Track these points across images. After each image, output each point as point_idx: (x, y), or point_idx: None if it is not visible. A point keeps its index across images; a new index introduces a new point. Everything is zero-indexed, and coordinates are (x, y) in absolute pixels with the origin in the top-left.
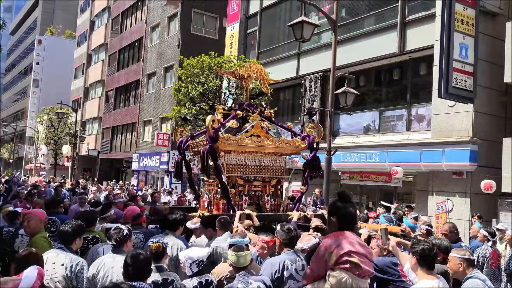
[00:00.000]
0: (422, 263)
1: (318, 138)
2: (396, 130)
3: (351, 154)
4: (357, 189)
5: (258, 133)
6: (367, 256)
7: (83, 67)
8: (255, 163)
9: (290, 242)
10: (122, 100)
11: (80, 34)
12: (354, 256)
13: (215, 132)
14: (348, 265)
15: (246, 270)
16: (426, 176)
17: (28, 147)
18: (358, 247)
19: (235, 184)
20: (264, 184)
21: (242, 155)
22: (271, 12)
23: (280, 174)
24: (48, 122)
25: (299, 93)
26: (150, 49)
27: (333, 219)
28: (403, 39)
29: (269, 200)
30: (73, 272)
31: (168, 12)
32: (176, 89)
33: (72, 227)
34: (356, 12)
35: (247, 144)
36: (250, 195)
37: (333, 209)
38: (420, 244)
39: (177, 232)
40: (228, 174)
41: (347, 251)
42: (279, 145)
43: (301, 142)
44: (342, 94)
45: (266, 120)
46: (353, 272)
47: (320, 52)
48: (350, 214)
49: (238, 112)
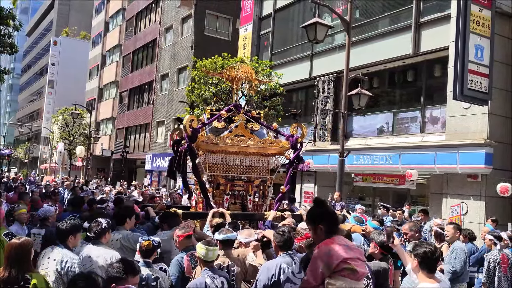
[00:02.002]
0: (423, 265)
1: (301, 139)
2: (410, 132)
3: (364, 156)
4: (370, 191)
5: (242, 133)
6: (360, 258)
7: (98, 68)
8: (238, 163)
9: (285, 245)
10: (136, 101)
11: (94, 35)
12: (350, 263)
13: (193, 132)
14: (346, 272)
15: (212, 266)
16: (440, 178)
17: (43, 147)
18: (350, 252)
19: (218, 183)
20: (247, 183)
21: (224, 154)
22: (284, 14)
23: (264, 174)
24: (63, 123)
25: (312, 95)
26: (163, 50)
27: (321, 227)
28: (418, 41)
29: (251, 199)
30: (63, 268)
31: (182, 13)
32: (189, 90)
33: (66, 225)
34: (370, 13)
35: (228, 143)
36: (234, 195)
37: (317, 217)
38: (422, 247)
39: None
40: (210, 173)
41: (344, 258)
42: (262, 145)
43: (284, 142)
44: (356, 95)
45: (252, 121)
46: (351, 278)
47: (333, 53)
48: (336, 220)
49: (222, 113)
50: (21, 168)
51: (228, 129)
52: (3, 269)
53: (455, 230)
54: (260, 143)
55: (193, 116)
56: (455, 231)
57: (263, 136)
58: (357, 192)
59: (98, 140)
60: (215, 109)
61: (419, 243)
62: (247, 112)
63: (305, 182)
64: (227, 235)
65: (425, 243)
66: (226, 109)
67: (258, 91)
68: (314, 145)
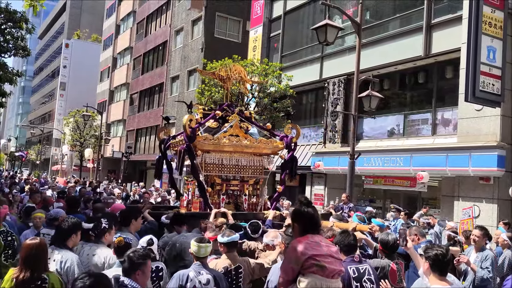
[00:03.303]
0: (434, 268)
1: (295, 139)
2: (421, 134)
3: (374, 158)
4: (380, 193)
5: (237, 133)
6: (332, 255)
7: (109, 70)
8: (233, 163)
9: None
10: (146, 103)
11: (106, 38)
12: (318, 259)
13: (192, 131)
14: (314, 268)
15: (203, 262)
16: (452, 181)
17: (55, 148)
18: (320, 249)
19: (213, 183)
20: (242, 183)
21: (220, 154)
22: (294, 16)
23: (259, 173)
24: (74, 124)
25: (322, 97)
26: (174, 53)
27: (296, 225)
28: (429, 42)
29: (246, 199)
30: (63, 269)
31: (192, 16)
32: (200, 92)
33: (67, 224)
34: (381, 14)
35: (225, 143)
36: (228, 194)
37: (296, 216)
38: (434, 249)
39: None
40: (206, 173)
41: (310, 255)
42: (257, 145)
43: (279, 142)
44: (366, 97)
45: (246, 121)
46: (320, 274)
47: (343, 55)
48: (312, 219)
49: (217, 112)
50: (33, 169)
51: (222, 129)
52: (19, 269)
53: (483, 236)
54: (255, 143)
55: (192, 116)
56: (483, 237)
57: (257, 136)
58: (367, 195)
59: (109, 142)
60: (207, 108)
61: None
62: (241, 112)
63: (315, 184)
64: (230, 237)
65: (436, 245)
66: (219, 108)
67: (268, 93)
68: (324, 147)
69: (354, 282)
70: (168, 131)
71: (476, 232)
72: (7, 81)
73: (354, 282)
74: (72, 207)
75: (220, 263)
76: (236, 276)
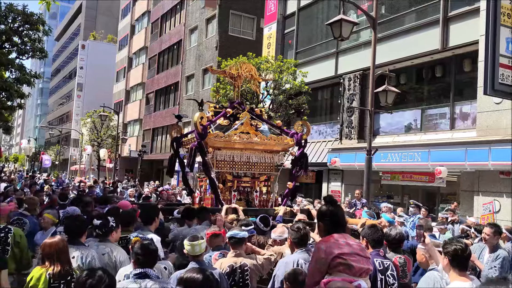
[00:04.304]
0: (454, 264)
1: (306, 136)
2: (439, 128)
3: (392, 153)
4: (398, 189)
5: (247, 131)
6: (359, 253)
7: (125, 70)
8: (244, 160)
9: (301, 241)
10: (162, 102)
11: (121, 38)
12: (344, 258)
13: (203, 129)
14: (341, 267)
15: (199, 260)
16: (471, 176)
17: (73, 149)
18: (346, 247)
19: (224, 180)
20: (253, 180)
21: (231, 151)
22: (308, 12)
23: (269, 170)
24: (91, 125)
25: (337, 93)
26: (188, 52)
27: (321, 224)
28: (446, 35)
29: (257, 195)
30: (85, 264)
31: (206, 14)
32: (215, 90)
33: (79, 222)
34: (396, 8)
35: (235, 140)
36: (239, 191)
37: (320, 215)
38: (453, 244)
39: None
40: (217, 170)
41: (336, 254)
42: (268, 142)
43: (289, 139)
44: (383, 92)
45: (256, 118)
46: (347, 273)
47: (359, 50)
48: (337, 218)
49: (227, 110)
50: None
51: (233, 127)
52: (49, 265)
53: (494, 234)
54: (266, 140)
55: (203, 113)
56: (494, 235)
57: (268, 133)
58: (385, 191)
59: (125, 142)
60: (218, 106)
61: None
62: (251, 109)
63: (332, 180)
64: (233, 232)
65: (455, 240)
66: (230, 106)
67: (283, 90)
68: (341, 143)
69: (379, 274)
70: (180, 129)
71: (486, 230)
72: (25, 83)
73: (380, 275)
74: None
75: (226, 262)
76: (243, 274)
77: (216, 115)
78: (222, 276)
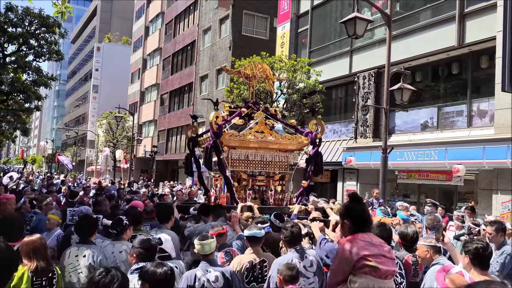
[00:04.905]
0: (475, 262)
1: (320, 135)
2: (456, 126)
3: (408, 152)
4: (415, 188)
5: (262, 130)
6: (385, 254)
7: (139, 71)
8: (259, 159)
9: (293, 240)
10: (177, 103)
11: (135, 40)
12: (370, 259)
13: (219, 128)
14: (367, 269)
15: (210, 259)
16: (489, 174)
17: (89, 150)
18: (372, 248)
19: (239, 178)
20: (268, 179)
21: (246, 150)
22: (322, 10)
23: (284, 169)
24: (107, 126)
25: (352, 91)
26: (202, 52)
27: (347, 222)
28: (462, 32)
29: (272, 194)
30: (96, 262)
31: (220, 14)
32: (229, 90)
33: (90, 221)
34: (411, 5)
35: (250, 139)
36: (254, 190)
37: (345, 212)
38: (474, 243)
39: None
40: (232, 169)
41: (362, 255)
42: (282, 141)
43: (304, 138)
44: (398, 90)
45: (271, 118)
46: (373, 275)
47: (373, 48)
48: (364, 216)
49: (242, 110)
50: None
51: (248, 126)
52: (31, 263)
53: (497, 231)
54: (280, 139)
55: (218, 112)
56: (497, 232)
57: (282, 132)
58: (401, 190)
59: (141, 142)
60: (233, 106)
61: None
62: (266, 109)
63: (347, 180)
64: (253, 231)
65: (475, 239)
66: (245, 106)
67: (297, 89)
68: (356, 142)
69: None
70: (196, 129)
71: (488, 229)
72: (42, 85)
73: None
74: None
75: (245, 258)
76: (261, 270)
77: (231, 114)
78: (233, 275)
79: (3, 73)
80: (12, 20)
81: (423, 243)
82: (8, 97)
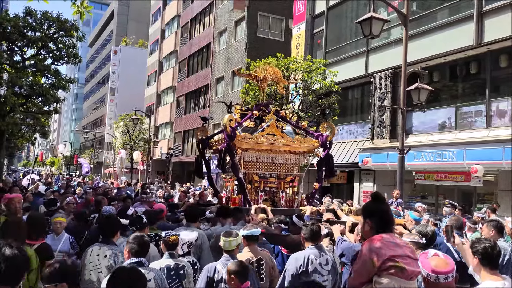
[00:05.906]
0: (485, 263)
1: (331, 137)
2: (474, 126)
3: (425, 153)
4: (432, 189)
5: (273, 132)
6: (409, 255)
7: (155, 74)
8: (270, 161)
9: (312, 237)
10: (192, 105)
11: (152, 43)
12: (398, 260)
13: (232, 131)
14: (393, 270)
15: (231, 255)
16: (509, 174)
17: (107, 152)
18: (398, 249)
19: (251, 180)
20: (279, 181)
21: (258, 153)
22: (337, 11)
23: (295, 171)
24: (124, 128)
25: (368, 92)
26: (218, 54)
27: (369, 222)
28: (480, 31)
29: (283, 196)
30: (117, 262)
31: (235, 16)
32: (244, 92)
33: (113, 221)
34: (428, 5)
35: (263, 142)
36: (266, 191)
37: (368, 212)
38: (481, 243)
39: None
40: (245, 171)
41: (388, 256)
42: (293, 143)
43: (314, 140)
44: (415, 90)
45: (281, 120)
46: (399, 276)
47: (390, 48)
48: (387, 216)
49: (254, 112)
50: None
51: (259, 129)
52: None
53: (489, 229)
54: (291, 141)
55: (232, 116)
56: (489, 229)
57: (293, 135)
58: (418, 191)
59: (157, 144)
60: (244, 108)
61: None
62: (276, 112)
63: (364, 181)
64: (250, 230)
65: (483, 239)
66: (256, 108)
67: (312, 90)
68: (372, 143)
69: None
70: (206, 131)
71: (484, 232)
72: (60, 88)
73: None
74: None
75: (242, 256)
76: (258, 268)
77: (242, 117)
78: (251, 270)
79: (23, 76)
80: (31, 24)
81: (406, 239)
82: (27, 100)
